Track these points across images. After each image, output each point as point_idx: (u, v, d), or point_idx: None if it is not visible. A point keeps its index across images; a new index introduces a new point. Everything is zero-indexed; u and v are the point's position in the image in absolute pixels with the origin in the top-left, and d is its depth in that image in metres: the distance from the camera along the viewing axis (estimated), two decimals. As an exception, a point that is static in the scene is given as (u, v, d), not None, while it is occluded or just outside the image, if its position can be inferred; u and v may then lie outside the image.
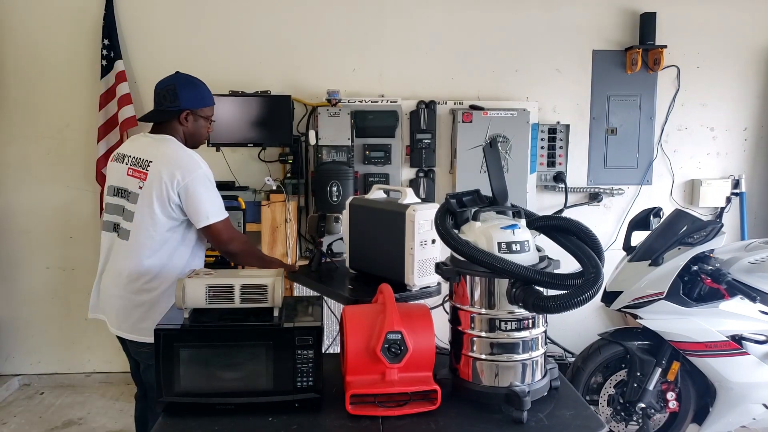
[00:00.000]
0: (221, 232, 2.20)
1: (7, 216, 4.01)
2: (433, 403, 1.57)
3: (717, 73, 4.11)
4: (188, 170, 2.15)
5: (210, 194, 2.18)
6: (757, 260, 2.81)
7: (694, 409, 2.92)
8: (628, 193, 4.17)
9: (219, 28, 3.92)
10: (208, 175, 2.20)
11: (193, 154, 2.23)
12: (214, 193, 2.21)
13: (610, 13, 4.05)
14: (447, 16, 4.00)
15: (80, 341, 4.12)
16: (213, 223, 2.17)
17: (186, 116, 2.25)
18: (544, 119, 4.07)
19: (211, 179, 2.21)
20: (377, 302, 1.71)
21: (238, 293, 1.60)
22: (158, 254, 2.19)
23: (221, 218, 2.20)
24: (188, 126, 2.26)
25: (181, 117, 2.24)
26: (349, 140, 3.72)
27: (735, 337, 2.68)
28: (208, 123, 2.32)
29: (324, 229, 2.49)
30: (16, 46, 3.88)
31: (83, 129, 3.92)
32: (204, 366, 1.55)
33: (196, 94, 2.26)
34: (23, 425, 3.55)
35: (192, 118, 2.26)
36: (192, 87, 2.27)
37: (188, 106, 2.24)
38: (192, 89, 2.26)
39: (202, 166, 2.19)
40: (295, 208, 3.82)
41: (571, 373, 2.98)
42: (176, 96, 2.22)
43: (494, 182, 1.73)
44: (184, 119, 2.25)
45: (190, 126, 2.27)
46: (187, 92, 2.24)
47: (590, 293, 1.40)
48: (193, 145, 2.32)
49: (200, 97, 2.27)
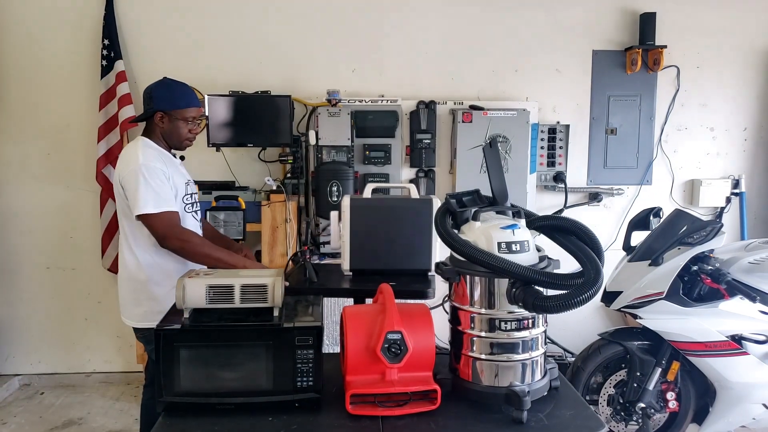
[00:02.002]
0: (153, 226, 2.25)
1: (7, 216, 4.01)
2: (433, 403, 1.57)
3: (717, 73, 4.11)
4: (126, 164, 2.30)
5: (143, 187, 2.23)
6: (757, 260, 2.81)
7: (693, 409, 2.92)
8: (628, 193, 4.17)
9: (219, 29, 3.92)
10: (145, 169, 2.24)
11: (138, 150, 2.31)
12: (151, 186, 2.23)
13: (610, 13, 4.05)
14: (447, 16, 4.00)
15: (80, 341, 4.13)
16: (142, 214, 2.23)
17: (161, 118, 2.37)
18: (544, 119, 4.07)
19: (150, 172, 2.24)
20: (377, 302, 1.71)
21: (238, 293, 1.60)
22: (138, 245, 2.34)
23: (153, 211, 2.23)
24: (164, 127, 2.38)
25: (156, 118, 2.37)
26: (349, 140, 3.72)
27: (735, 337, 2.68)
28: (187, 124, 2.39)
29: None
30: (17, 46, 3.88)
31: (83, 129, 3.92)
32: (204, 366, 1.55)
33: (168, 96, 2.37)
34: (23, 425, 3.55)
35: (167, 119, 2.37)
36: (166, 89, 2.39)
37: (160, 107, 2.36)
38: (165, 91, 2.38)
39: (141, 160, 2.26)
40: (295, 208, 3.82)
41: (571, 373, 2.98)
42: (151, 98, 2.38)
43: (494, 182, 1.73)
44: (159, 120, 2.37)
45: (165, 127, 2.38)
46: (160, 94, 2.37)
47: (590, 293, 1.41)
48: (174, 145, 2.43)
49: (173, 98, 2.37)
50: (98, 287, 4.06)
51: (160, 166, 2.28)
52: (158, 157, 2.32)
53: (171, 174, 2.33)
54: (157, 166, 2.27)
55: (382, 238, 2.45)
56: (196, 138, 2.49)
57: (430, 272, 2.45)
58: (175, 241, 2.26)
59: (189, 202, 2.44)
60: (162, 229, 2.25)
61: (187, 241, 2.26)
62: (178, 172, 2.42)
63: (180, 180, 2.40)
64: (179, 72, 3.83)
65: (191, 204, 2.46)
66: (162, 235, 2.25)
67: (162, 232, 2.25)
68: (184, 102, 2.38)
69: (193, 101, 2.42)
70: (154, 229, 2.25)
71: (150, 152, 2.32)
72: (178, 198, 2.36)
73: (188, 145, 2.46)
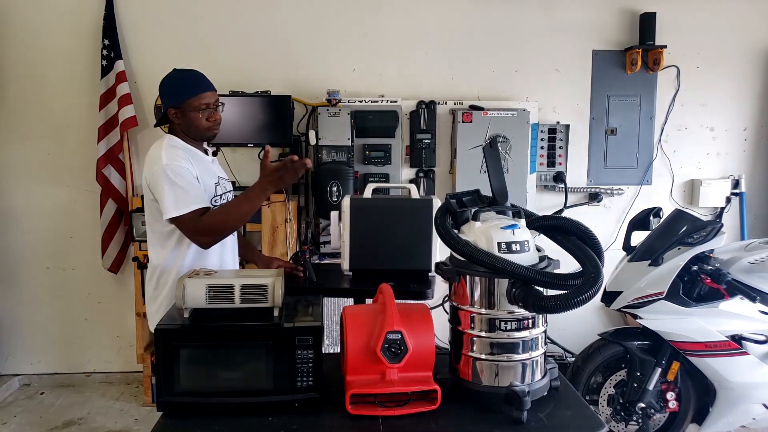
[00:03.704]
0: (181, 228, 2.16)
1: (7, 216, 4.01)
2: (433, 403, 1.57)
3: (717, 73, 4.11)
4: (150, 166, 2.20)
5: (167, 189, 2.12)
6: (757, 260, 2.81)
7: (693, 409, 2.91)
8: (628, 193, 4.17)
9: (219, 28, 3.92)
10: (169, 169, 2.13)
11: (162, 151, 2.19)
12: (176, 186, 2.13)
13: (610, 13, 4.05)
14: (447, 15, 4.00)
15: (80, 341, 4.13)
16: (174, 216, 2.12)
17: (174, 114, 2.24)
18: (544, 119, 4.07)
19: (173, 172, 2.13)
20: (377, 302, 1.71)
21: (238, 293, 1.60)
22: (164, 249, 2.24)
23: (176, 214, 2.12)
24: (181, 122, 2.25)
25: (170, 115, 2.25)
26: (349, 140, 3.72)
27: (735, 337, 2.68)
28: (199, 113, 2.23)
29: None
30: (17, 46, 3.88)
31: (83, 129, 3.92)
32: (204, 366, 1.55)
33: (173, 89, 2.24)
34: (23, 425, 3.55)
35: (180, 114, 2.23)
36: (170, 83, 2.26)
37: (169, 104, 2.24)
38: (170, 85, 2.26)
39: (164, 160, 2.14)
40: (295, 208, 3.82)
41: (571, 373, 2.98)
42: (161, 96, 2.28)
43: (494, 182, 1.73)
44: (174, 117, 2.24)
45: (181, 121, 2.24)
46: (166, 89, 2.26)
47: (590, 293, 1.40)
48: (196, 137, 2.29)
49: (178, 90, 2.23)
50: (98, 287, 4.06)
51: (184, 165, 2.16)
52: (182, 155, 2.21)
53: (199, 173, 2.21)
54: (182, 165, 2.16)
55: (382, 238, 2.45)
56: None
57: (430, 272, 2.45)
58: (199, 238, 2.16)
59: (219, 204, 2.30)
60: (189, 229, 2.15)
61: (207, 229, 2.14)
62: (207, 171, 2.30)
63: (209, 180, 2.28)
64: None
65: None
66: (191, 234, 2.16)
67: (190, 233, 2.16)
68: (190, 91, 2.23)
69: (201, 87, 2.24)
70: (187, 229, 2.16)
71: (173, 151, 2.20)
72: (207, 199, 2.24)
73: (213, 134, 2.31)
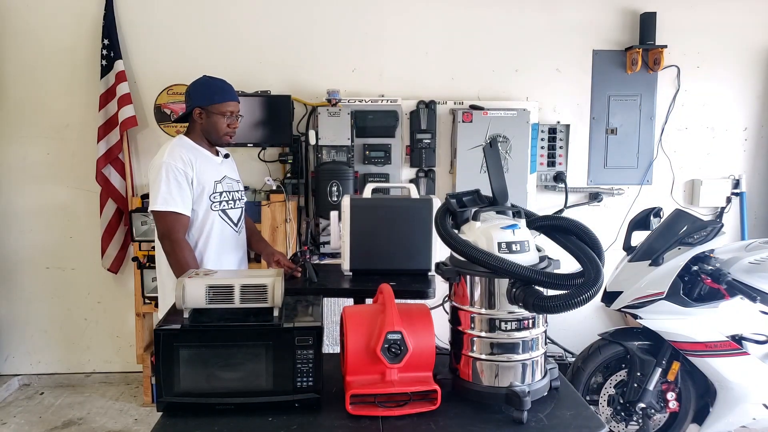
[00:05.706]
0: (157, 223, 2.32)
1: (7, 216, 4.01)
2: (433, 403, 1.57)
3: (717, 73, 4.11)
4: (154, 159, 2.40)
5: (158, 183, 2.29)
6: (757, 260, 2.81)
7: (694, 409, 2.92)
8: (628, 193, 4.17)
9: (219, 28, 3.92)
10: (167, 166, 2.30)
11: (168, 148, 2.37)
12: (165, 183, 2.29)
13: (610, 13, 4.05)
14: (447, 15, 4.00)
15: (80, 341, 4.13)
16: (152, 209, 2.31)
17: (199, 113, 2.41)
18: (544, 119, 4.07)
19: (169, 170, 2.30)
20: (377, 302, 1.71)
21: (238, 293, 1.59)
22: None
23: (160, 208, 2.29)
24: (203, 122, 2.42)
25: (194, 114, 2.42)
26: (349, 140, 3.72)
27: (735, 337, 2.68)
28: (224, 119, 2.42)
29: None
30: (16, 46, 3.88)
31: (83, 129, 3.92)
32: (204, 366, 1.55)
33: (205, 92, 2.41)
34: (23, 425, 3.55)
35: (205, 115, 2.41)
36: (203, 86, 2.43)
37: (197, 103, 2.41)
38: (201, 87, 2.43)
39: (166, 157, 2.32)
40: (295, 208, 3.82)
41: (571, 373, 2.98)
42: (189, 95, 2.43)
43: (494, 182, 1.73)
44: (198, 116, 2.42)
45: (204, 122, 2.42)
46: (198, 91, 2.42)
47: (590, 293, 1.40)
48: (214, 140, 2.48)
49: (210, 94, 2.41)
50: (98, 287, 4.06)
51: (181, 167, 2.31)
52: (185, 156, 2.34)
53: (198, 173, 2.35)
54: (179, 167, 2.31)
55: (382, 238, 2.46)
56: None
57: (430, 272, 2.46)
58: (166, 244, 2.31)
59: (216, 201, 2.43)
60: (162, 228, 2.31)
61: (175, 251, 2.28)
62: (212, 170, 2.44)
63: (209, 177, 2.41)
64: (179, 72, 3.87)
65: (218, 203, 2.44)
66: (161, 233, 2.32)
67: (161, 231, 2.31)
68: (221, 97, 2.42)
69: (230, 96, 2.45)
70: (157, 226, 2.31)
71: (178, 151, 2.35)
72: (204, 197, 2.37)
73: (228, 140, 2.49)
